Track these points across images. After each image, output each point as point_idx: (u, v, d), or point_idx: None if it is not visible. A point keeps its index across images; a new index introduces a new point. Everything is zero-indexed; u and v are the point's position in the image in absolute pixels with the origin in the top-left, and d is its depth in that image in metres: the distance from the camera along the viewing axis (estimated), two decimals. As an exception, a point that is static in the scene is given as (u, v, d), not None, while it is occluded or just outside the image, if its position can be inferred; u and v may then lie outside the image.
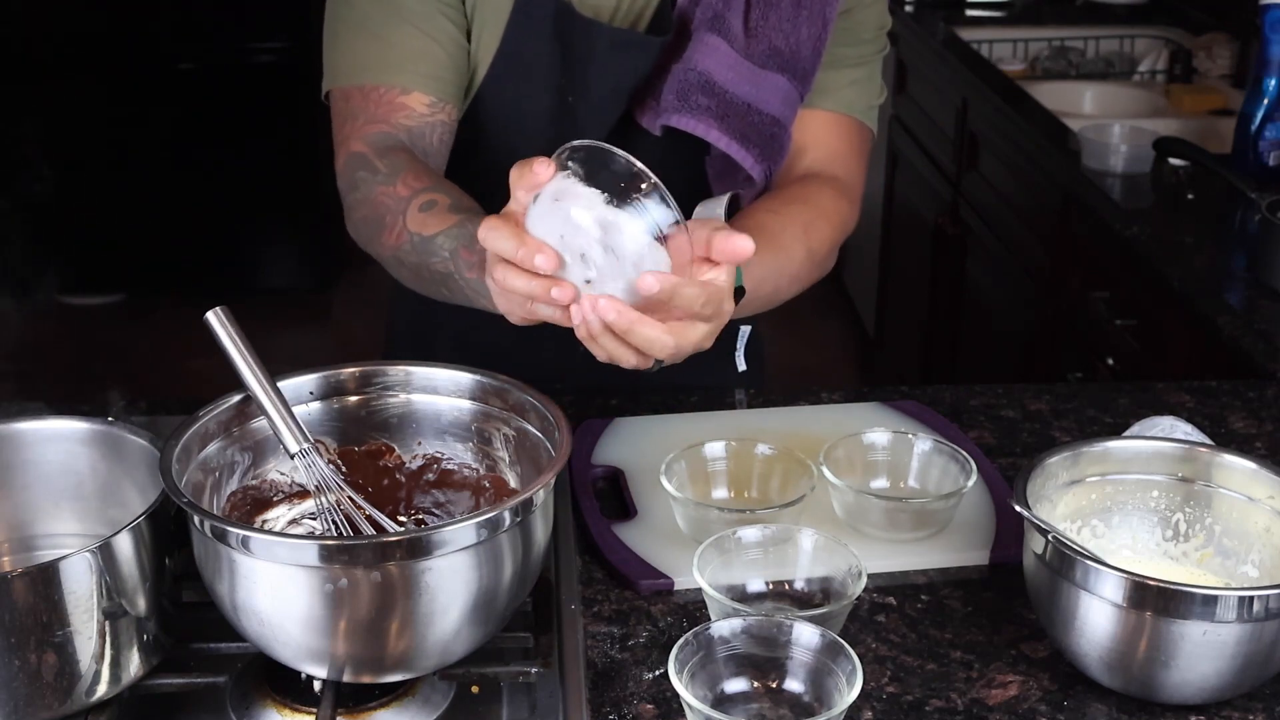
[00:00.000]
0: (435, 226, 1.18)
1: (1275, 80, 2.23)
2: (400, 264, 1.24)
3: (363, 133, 1.29)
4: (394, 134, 1.29)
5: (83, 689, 0.95)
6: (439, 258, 1.18)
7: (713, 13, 1.31)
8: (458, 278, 1.17)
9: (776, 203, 1.32)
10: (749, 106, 1.31)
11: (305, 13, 3.93)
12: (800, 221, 1.30)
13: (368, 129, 1.29)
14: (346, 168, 1.29)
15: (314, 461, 1.03)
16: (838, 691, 0.95)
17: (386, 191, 1.23)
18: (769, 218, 1.28)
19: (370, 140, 1.29)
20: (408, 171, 1.24)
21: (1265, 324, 1.73)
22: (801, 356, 3.86)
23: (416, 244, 1.19)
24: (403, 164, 1.25)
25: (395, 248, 1.22)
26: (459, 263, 1.16)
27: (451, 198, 1.21)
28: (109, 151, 4.12)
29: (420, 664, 0.97)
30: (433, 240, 1.18)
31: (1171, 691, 1.00)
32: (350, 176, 1.28)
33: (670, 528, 1.20)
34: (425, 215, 1.19)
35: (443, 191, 1.21)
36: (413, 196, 1.21)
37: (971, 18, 3.37)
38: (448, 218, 1.18)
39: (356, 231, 1.29)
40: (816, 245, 1.32)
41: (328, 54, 1.35)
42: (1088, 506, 1.13)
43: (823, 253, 1.34)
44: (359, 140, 1.29)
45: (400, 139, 1.29)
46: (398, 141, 1.29)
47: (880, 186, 3.60)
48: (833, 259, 1.39)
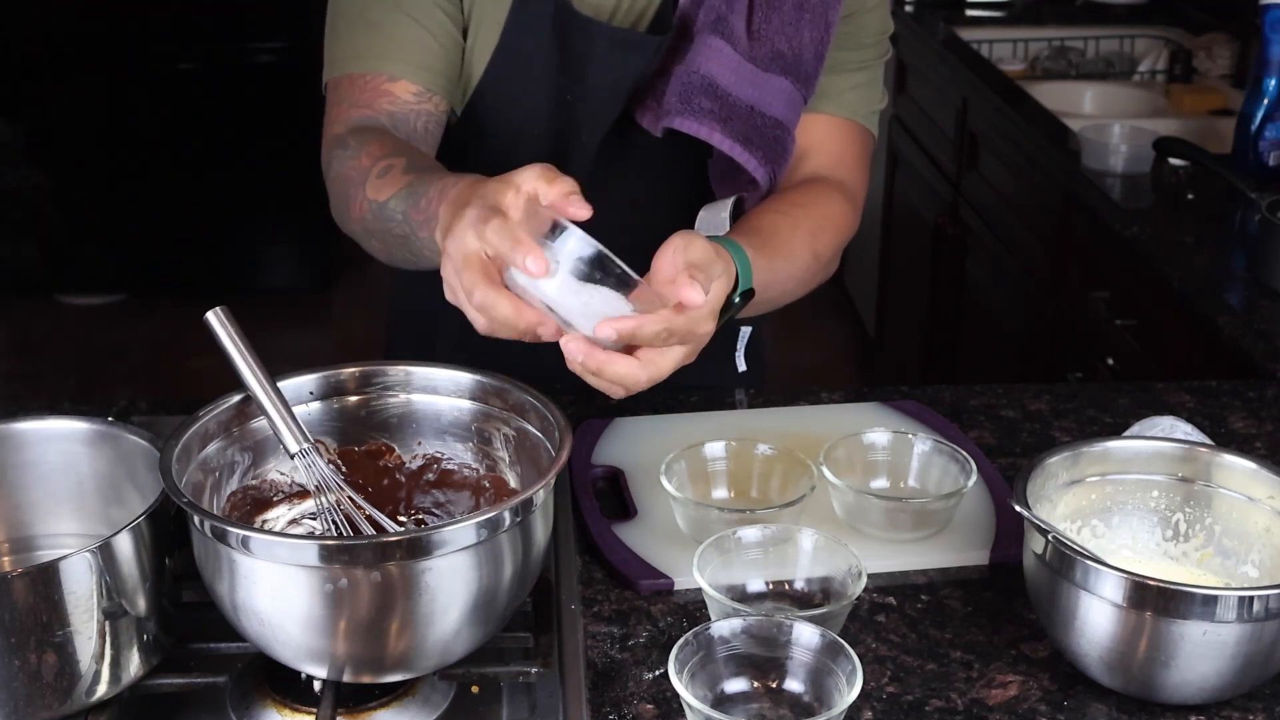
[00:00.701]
0: (389, 190, 1.17)
1: (1275, 80, 2.23)
2: (369, 235, 1.23)
3: (345, 117, 1.29)
4: (375, 118, 1.29)
5: (83, 689, 0.95)
6: (394, 221, 1.16)
7: (715, 15, 1.31)
8: (414, 239, 1.15)
9: (784, 205, 1.33)
10: (752, 109, 1.31)
11: (305, 12, 3.93)
12: (807, 226, 1.31)
13: (350, 113, 1.29)
14: (325, 152, 1.29)
15: (314, 461, 1.03)
16: (838, 691, 0.95)
17: (353, 164, 1.22)
18: (777, 219, 1.29)
19: (349, 123, 1.29)
20: (373, 143, 1.23)
21: (1265, 324, 1.73)
22: (801, 356, 3.86)
23: (375, 210, 1.18)
24: (370, 137, 1.24)
25: (360, 219, 1.21)
26: (410, 223, 1.15)
27: (408, 159, 1.19)
28: (109, 151, 4.12)
29: (420, 664, 0.97)
30: (386, 205, 1.17)
31: (1171, 691, 1.00)
32: (327, 159, 1.28)
33: (670, 528, 1.20)
34: (381, 181, 1.18)
35: (401, 155, 1.20)
36: (372, 165, 1.20)
37: (971, 18, 3.37)
38: (400, 180, 1.17)
39: (334, 213, 1.28)
40: (822, 249, 1.33)
41: (327, 46, 1.35)
42: (1088, 506, 1.13)
43: (827, 256, 1.35)
44: (339, 124, 1.29)
45: (381, 122, 1.28)
46: (377, 124, 1.28)
47: (880, 187, 3.60)
48: (836, 262, 1.40)
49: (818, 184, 1.38)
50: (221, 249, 4.24)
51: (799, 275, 1.30)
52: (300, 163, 4.12)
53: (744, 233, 1.24)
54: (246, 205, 4.20)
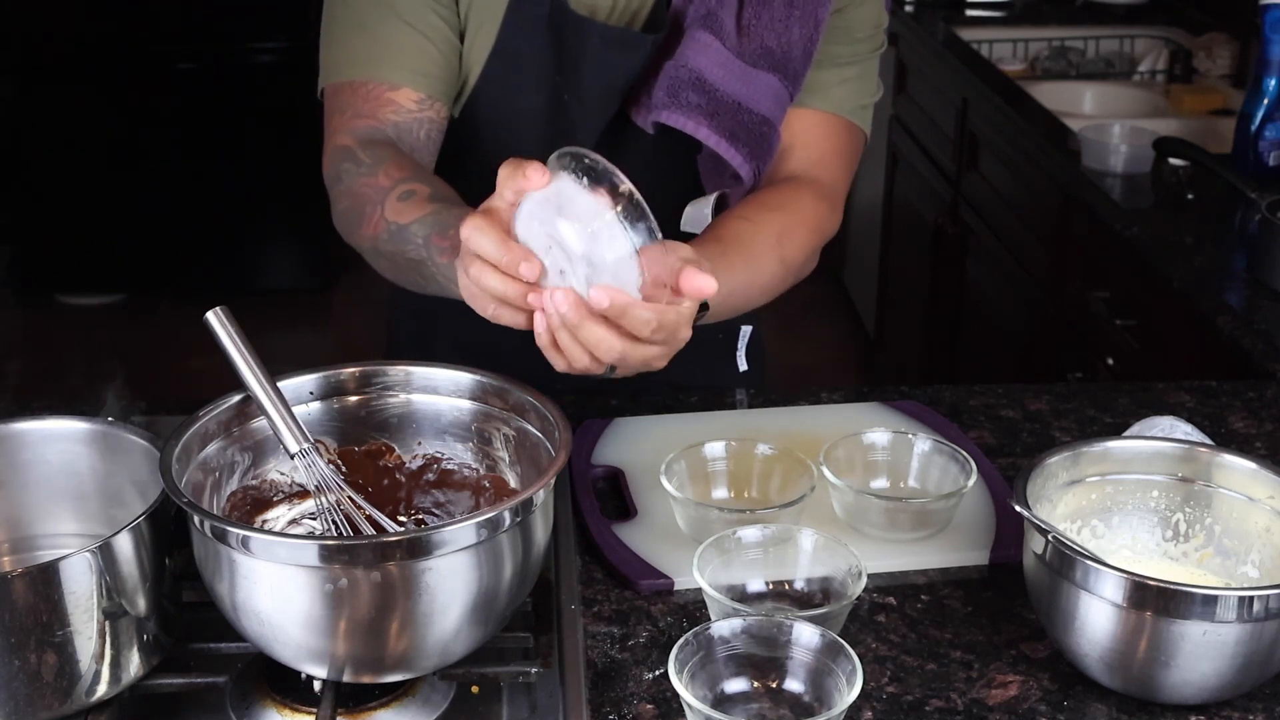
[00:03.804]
0: (412, 214, 1.18)
1: (1275, 80, 2.23)
2: (378, 254, 1.24)
3: (349, 126, 1.30)
4: (380, 128, 1.29)
5: (83, 689, 0.95)
6: (413, 245, 1.17)
7: (706, 10, 1.31)
8: (430, 264, 1.17)
9: (751, 209, 1.31)
10: (739, 105, 1.31)
11: (305, 13, 3.93)
12: (774, 231, 1.29)
13: (355, 123, 1.30)
14: (331, 161, 1.30)
15: (314, 461, 1.03)
16: (838, 691, 0.95)
17: (368, 182, 1.23)
18: (742, 226, 1.28)
19: (356, 134, 1.29)
20: (390, 162, 1.24)
21: (1265, 324, 1.73)
22: (801, 356, 3.86)
23: (393, 232, 1.19)
24: (386, 155, 1.25)
25: (374, 238, 1.22)
26: (431, 248, 1.16)
27: (431, 187, 1.20)
28: (109, 151, 4.12)
29: (420, 664, 0.97)
30: (407, 228, 1.18)
31: (1171, 691, 1.00)
32: (335, 169, 1.29)
33: (670, 528, 1.20)
34: (403, 204, 1.19)
35: (423, 181, 1.21)
36: (393, 186, 1.21)
37: (971, 18, 3.37)
38: (425, 206, 1.18)
39: (339, 223, 1.29)
40: (791, 254, 1.31)
41: (323, 51, 1.35)
42: (1088, 506, 1.13)
43: (798, 260, 1.33)
44: (345, 134, 1.29)
45: (386, 133, 1.29)
46: (384, 135, 1.29)
47: (880, 186, 3.60)
48: (811, 264, 1.38)
49: (792, 185, 1.37)
50: (221, 249, 4.24)
51: (763, 283, 1.29)
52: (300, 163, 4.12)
53: (706, 241, 1.23)
54: (246, 205, 4.20)
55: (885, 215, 3.60)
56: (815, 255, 1.39)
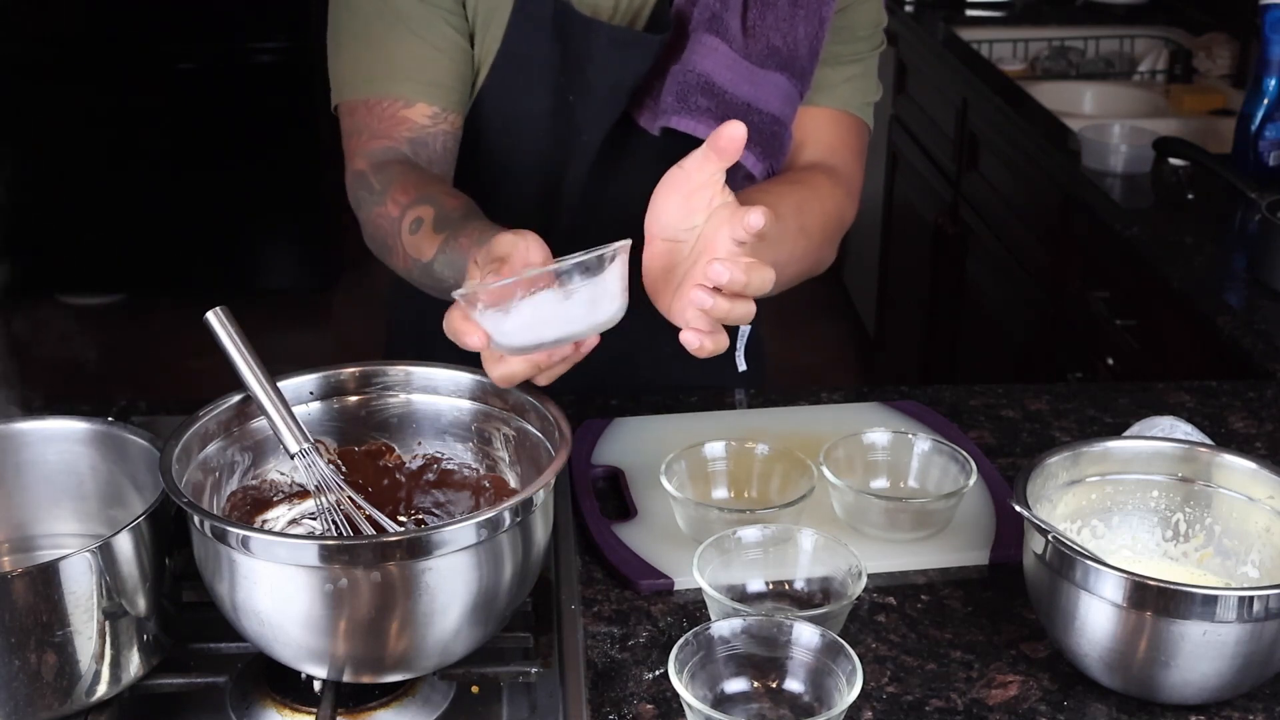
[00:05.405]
0: (428, 251, 1.19)
1: (1275, 80, 2.23)
2: (414, 282, 1.27)
3: (366, 149, 1.31)
4: (396, 147, 1.30)
5: (83, 689, 0.95)
6: (447, 283, 1.18)
7: (710, 13, 1.31)
8: None
9: (767, 184, 1.32)
10: (749, 106, 1.31)
11: (305, 13, 3.93)
12: (792, 200, 1.29)
13: (370, 145, 1.31)
14: (351, 187, 1.32)
15: (314, 461, 1.03)
16: (838, 691, 0.95)
17: (380, 213, 1.25)
18: (759, 196, 1.27)
19: (371, 156, 1.30)
20: (395, 185, 1.25)
21: (1265, 324, 1.73)
22: (801, 356, 3.86)
23: (422, 268, 1.21)
24: (393, 177, 1.26)
25: (406, 271, 1.25)
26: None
27: (436, 208, 1.21)
28: (109, 151, 4.12)
29: (420, 664, 0.97)
30: (431, 267, 1.20)
31: (1171, 691, 1.00)
32: (354, 196, 1.31)
33: (670, 528, 1.20)
34: (414, 239, 1.21)
35: (427, 202, 1.22)
36: (401, 216, 1.22)
37: (971, 18, 3.37)
38: (434, 239, 1.19)
39: (372, 248, 1.32)
40: (809, 223, 1.30)
41: (332, 65, 1.35)
42: (1088, 506, 1.13)
43: (816, 232, 1.32)
44: (361, 157, 1.31)
45: (402, 152, 1.30)
46: (399, 155, 1.30)
47: (880, 186, 3.60)
48: (831, 248, 1.38)
49: (809, 169, 1.38)
50: (221, 249, 4.24)
51: (788, 250, 1.27)
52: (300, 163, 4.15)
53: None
54: (246, 205, 4.19)
55: (885, 215, 3.60)
56: (834, 240, 1.38)
